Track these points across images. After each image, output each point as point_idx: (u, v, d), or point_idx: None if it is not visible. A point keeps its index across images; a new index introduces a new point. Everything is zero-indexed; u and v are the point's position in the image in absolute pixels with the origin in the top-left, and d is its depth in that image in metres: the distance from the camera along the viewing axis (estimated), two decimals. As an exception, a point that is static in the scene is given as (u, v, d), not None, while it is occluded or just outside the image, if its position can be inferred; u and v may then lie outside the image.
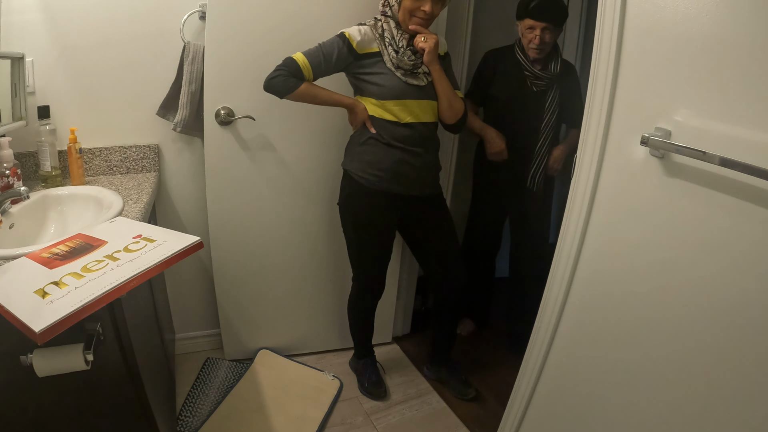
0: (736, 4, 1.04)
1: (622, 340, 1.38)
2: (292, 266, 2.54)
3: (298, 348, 2.71)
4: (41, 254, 1.29)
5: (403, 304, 2.88)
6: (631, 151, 1.31)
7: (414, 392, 2.48)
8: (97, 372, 1.30)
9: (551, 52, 2.36)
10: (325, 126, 2.30)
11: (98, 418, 1.46)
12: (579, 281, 1.53)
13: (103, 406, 1.44)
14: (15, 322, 1.01)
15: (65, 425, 1.44)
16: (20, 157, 1.99)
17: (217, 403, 2.29)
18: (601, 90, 1.38)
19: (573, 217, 1.52)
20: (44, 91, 2.09)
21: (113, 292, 1.10)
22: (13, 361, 1.24)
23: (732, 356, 1.09)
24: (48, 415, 1.41)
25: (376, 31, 1.95)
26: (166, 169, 2.38)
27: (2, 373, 1.30)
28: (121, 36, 2.13)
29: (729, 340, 1.10)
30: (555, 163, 2.46)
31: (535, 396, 1.75)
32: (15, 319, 1.01)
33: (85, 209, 1.85)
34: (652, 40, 1.24)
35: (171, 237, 1.35)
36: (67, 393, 1.38)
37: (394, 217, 2.15)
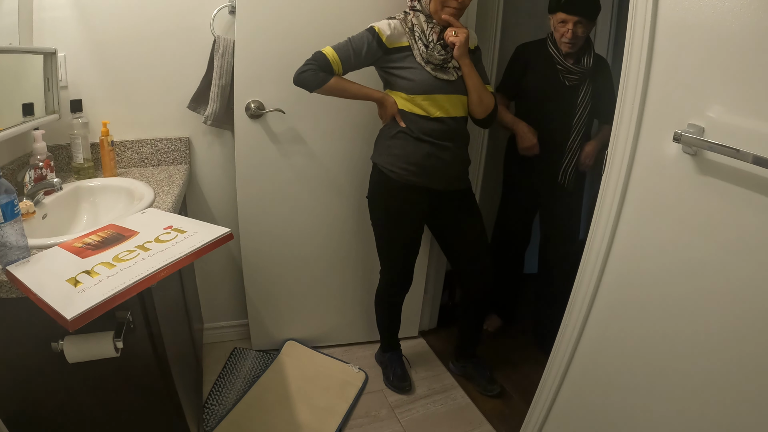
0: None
1: (650, 341, 1.36)
2: (320, 258, 2.55)
3: (324, 340, 2.72)
4: (73, 244, 1.32)
5: (431, 298, 2.88)
6: (663, 148, 1.28)
7: (439, 387, 2.48)
8: (127, 359, 1.33)
9: (584, 46, 2.33)
10: (354, 119, 2.31)
11: (126, 404, 1.50)
12: (608, 279, 1.51)
13: (131, 392, 1.48)
14: (47, 309, 1.03)
15: (94, 409, 1.47)
16: (53, 149, 2.03)
17: (243, 392, 2.32)
18: (633, 85, 1.36)
19: (603, 214, 1.50)
20: (76, 85, 2.13)
21: (144, 282, 1.12)
22: (45, 347, 1.27)
23: (765, 361, 1.07)
24: (77, 400, 1.45)
25: (405, 25, 1.94)
26: (197, 161, 2.41)
27: (34, 359, 1.34)
28: (151, 31, 2.16)
29: (761, 346, 1.07)
30: (587, 159, 2.43)
31: (560, 395, 1.73)
32: (47, 306, 1.04)
33: (116, 200, 1.89)
34: (685, 35, 1.21)
35: (201, 228, 1.38)
36: (96, 378, 1.41)
37: (422, 211, 2.14)
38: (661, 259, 1.31)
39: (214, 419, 2.15)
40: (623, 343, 1.45)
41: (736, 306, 1.12)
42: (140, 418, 1.54)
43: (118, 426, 1.53)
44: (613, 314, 1.49)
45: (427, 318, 2.93)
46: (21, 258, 1.24)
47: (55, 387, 1.41)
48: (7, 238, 1.21)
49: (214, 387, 2.35)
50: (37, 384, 1.40)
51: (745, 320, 1.10)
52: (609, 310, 1.51)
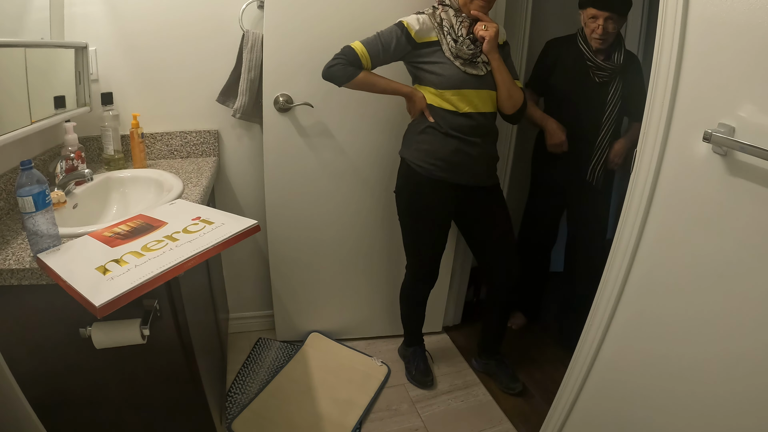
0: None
1: (676, 345, 1.34)
2: (346, 252, 2.57)
3: (348, 333, 2.74)
4: (103, 233, 1.35)
5: (455, 294, 2.87)
6: (693, 148, 1.26)
7: (461, 383, 2.48)
8: (152, 346, 1.36)
9: (614, 43, 2.30)
10: (382, 114, 2.32)
11: (151, 390, 1.53)
12: (634, 279, 1.49)
13: (156, 378, 1.50)
14: (76, 296, 1.06)
15: (119, 395, 1.51)
16: (84, 141, 2.08)
17: (266, 382, 2.34)
18: (663, 83, 1.34)
19: (631, 213, 1.48)
20: (107, 79, 2.17)
21: (171, 271, 1.14)
22: (73, 333, 1.31)
23: None
24: (102, 385, 1.48)
25: (434, 19, 1.93)
26: (226, 153, 2.44)
27: (62, 344, 1.37)
28: (181, 25, 2.19)
29: None
30: (616, 157, 2.40)
31: (581, 396, 1.72)
32: (76, 293, 1.06)
33: (146, 191, 1.92)
34: (717, 32, 1.18)
35: (229, 220, 1.40)
36: (121, 364, 1.44)
37: (450, 207, 2.14)
38: (689, 260, 1.29)
39: (236, 408, 2.18)
40: (648, 345, 1.44)
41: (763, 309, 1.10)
42: (164, 405, 1.57)
43: (142, 411, 1.56)
44: (638, 316, 1.48)
45: (452, 314, 2.92)
46: (52, 246, 1.27)
47: (82, 372, 1.44)
48: (38, 227, 1.24)
49: (237, 376, 2.38)
50: (64, 369, 1.43)
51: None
52: (634, 312, 1.49)
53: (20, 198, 1.21)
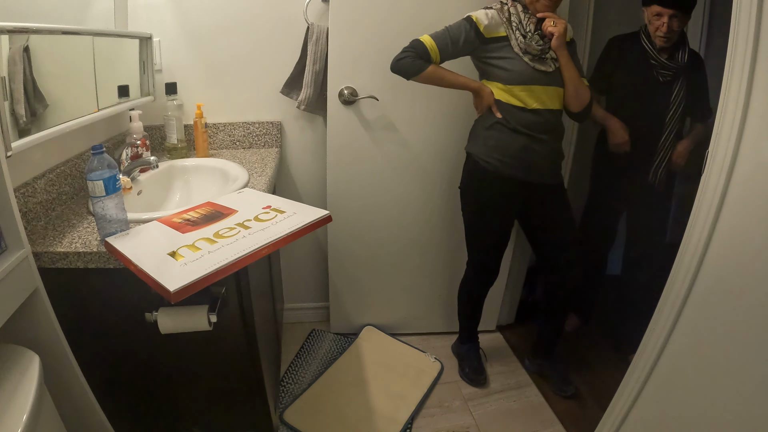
0: None
1: (744, 357, 1.29)
2: (405, 247, 2.57)
3: (402, 327, 2.74)
4: (173, 219, 1.37)
5: (511, 293, 2.84)
6: None
7: (513, 383, 2.45)
8: (217, 333, 1.37)
9: (678, 41, 2.24)
10: (447, 109, 2.30)
11: (211, 375, 1.56)
12: (701, 286, 1.44)
13: (218, 364, 1.53)
14: (148, 281, 1.07)
15: (179, 379, 1.54)
16: (147, 129, 2.12)
17: (319, 373, 2.36)
18: (737, 84, 1.30)
19: (701, 216, 1.43)
20: (171, 69, 2.21)
21: (246, 259, 1.16)
22: (138, 317, 1.33)
23: None
24: (165, 369, 1.52)
25: (503, 15, 1.92)
26: (288, 145, 2.46)
27: (127, 328, 1.40)
28: (245, 17, 2.22)
29: None
30: (679, 159, 2.33)
31: (638, 402, 1.68)
32: (148, 277, 1.08)
33: (210, 181, 1.95)
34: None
35: (300, 209, 1.41)
36: (185, 349, 1.47)
37: (515, 204, 2.13)
38: (761, 266, 1.25)
39: (289, 397, 2.20)
40: (713, 355, 1.39)
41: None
42: (224, 391, 1.60)
43: (202, 397, 1.60)
44: (704, 323, 1.43)
45: (506, 313, 2.90)
46: (120, 231, 1.30)
47: (144, 356, 1.48)
48: (107, 211, 1.26)
49: (290, 366, 2.41)
50: (127, 352, 1.47)
51: None
52: (700, 319, 1.45)
53: (90, 182, 1.23)
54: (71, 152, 1.69)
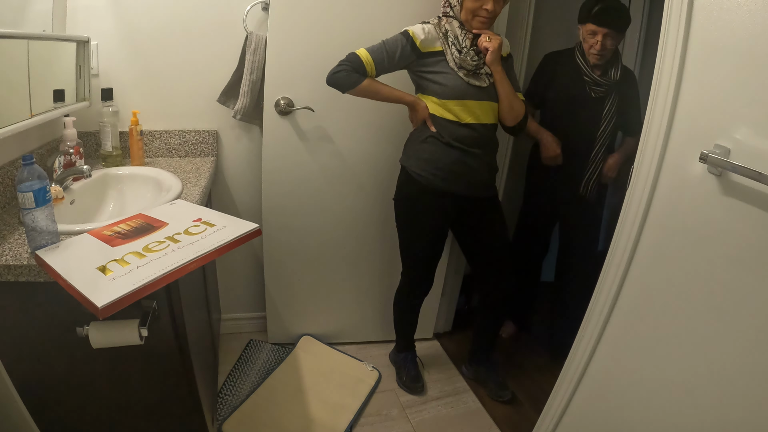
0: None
1: (667, 360, 1.35)
2: (341, 256, 2.57)
3: (340, 337, 2.74)
4: (103, 231, 1.34)
5: (447, 301, 2.88)
6: (689, 167, 1.27)
7: (450, 389, 2.49)
8: (149, 346, 1.35)
9: (612, 58, 2.32)
10: (383, 121, 2.32)
11: (145, 390, 1.52)
12: (626, 293, 1.50)
13: (151, 378, 1.50)
14: (77, 296, 1.06)
15: (113, 394, 1.50)
16: (82, 136, 2.06)
17: (257, 384, 2.34)
18: (662, 102, 1.36)
19: (626, 227, 1.49)
20: (108, 74, 2.16)
21: (174, 273, 1.14)
22: (69, 331, 1.30)
23: None
24: (97, 383, 1.48)
25: (439, 30, 1.95)
26: (224, 154, 2.44)
27: (58, 342, 1.37)
28: (184, 24, 2.19)
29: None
30: (609, 171, 2.42)
31: (571, 405, 1.73)
32: (77, 292, 1.06)
33: (144, 190, 1.91)
34: (717, 56, 1.20)
35: (231, 222, 1.40)
36: (117, 364, 1.44)
37: (448, 216, 2.15)
38: (682, 277, 1.31)
39: (227, 409, 2.18)
40: (638, 358, 1.45)
41: (756, 329, 1.11)
42: (157, 405, 1.57)
43: (135, 411, 1.56)
44: (630, 328, 1.49)
45: (443, 321, 2.93)
46: (50, 243, 1.26)
47: (77, 370, 1.44)
48: (37, 223, 1.23)
49: (228, 377, 2.38)
50: (59, 367, 1.43)
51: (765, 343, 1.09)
52: (626, 324, 1.51)
53: (20, 193, 1.19)
54: (2, 160, 1.63)
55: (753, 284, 1.11)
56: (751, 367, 1.12)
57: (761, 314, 1.10)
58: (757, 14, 1.09)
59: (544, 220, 2.70)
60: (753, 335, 1.11)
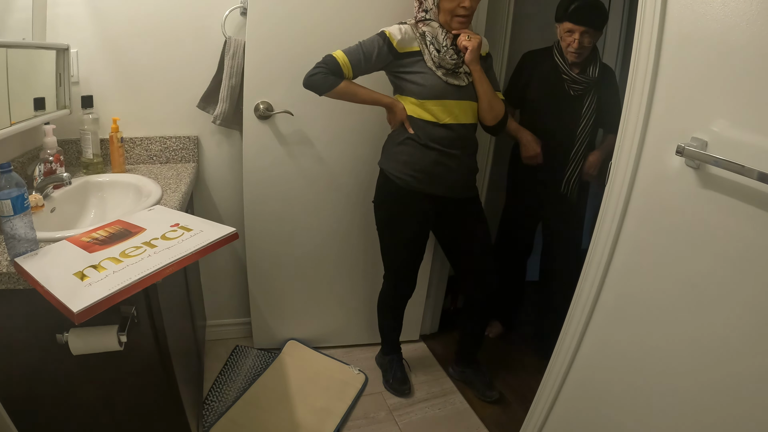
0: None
1: (649, 353, 1.36)
2: (325, 260, 2.57)
3: (326, 341, 2.74)
4: (81, 238, 1.34)
5: (433, 303, 2.89)
6: (666, 161, 1.28)
7: (438, 391, 2.49)
8: (130, 353, 1.35)
9: (590, 56, 2.33)
10: (362, 124, 2.32)
11: (127, 396, 1.52)
12: (608, 289, 1.51)
13: (133, 385, 1.50)
14: (54, 302, 1.06)
15: (95, 400, 1.49)
16: (63, 144, 2.06)
17: (243, 390, 2.33)
18: (638, 97, 1.36)
19: (605, 224, 1.50)
20: (88, 82, 2.15)
21: (149, 278, 1.14)
22: (50, 338, 1.30)
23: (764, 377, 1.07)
24: (79, 390, 1.47)
25: (416, 30, 1.95)
26: (205, 160, 2.44)
27: (38, 349, 1.36)
28: (163, 30, 2.18)
29: (760, 361, 1.07)
30: (590, 169, 2.42)
31: (557, 403, 1.74)
32: (54, 298, 1.06)
33: (124, 196, 1.91)
34: (692, 48, 1.21)
35: (207, 227, 1.40)
36: (98, 370, 1.43)
37: (428, 218, 2.15)
38: (662, 271, 1.32)
39: (213, 415, 2.17)
40: (621, 353, 1.46)
41: (736, 320, 1.12)
42: (141, 411, 1.56)
43: (118, 418, 1.55)
44: (612, 325, 1.50)
45: (429, 322, 2.94)
46: (29, 250, 1.26)
47: (59, 377, 1.43)
48: (16, 231, 1.23)
49: (214, 384, 2.37)
50: (41, 374, 1.42)
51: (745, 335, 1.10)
52: (608, 321, 1.52)
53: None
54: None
55: (735, 276, 1.12)
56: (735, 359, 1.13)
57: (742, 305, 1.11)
58: (730, 5, 1.10)
59: (527, 219, 2.70)
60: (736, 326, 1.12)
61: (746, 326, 1.10)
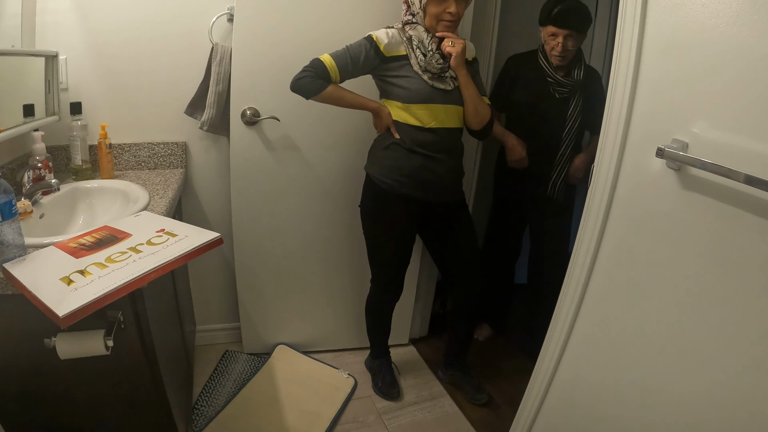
0: (755, 15, 1.02)
1: (633, 352, 1.38)
2: (312, 264, 2.58)
3: (315, 345, 2.74)
4: (68, 244, 1.35)
5: (421, 306, 2.89)
6: (648, 163, 1.30)
7: (427, 394, 2.49)
8: (117, 357, 1.36)
9: (575, 59, 2.34)
10: (348, 129, 2.34)
11: (116, 401, 1.52)
12: (592, 291, 1.53)
13: (121, 389, 1.50)
14: (41, 307, 1.07)
15: (84, 405, 1.50)
16: (52, 150, 2.06)
17: (232, 394, 2.34)
18: (619, 99, 1.38)
19: (588, 227, 1.51)
20: (76, 88, 2.16)
21: (134, 283, 1.16)
22: (38, 343, 1.30)
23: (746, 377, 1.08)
24: (68, 395, 1.48)
25: (403, 34, 1.96)
26: (193, 166, 2.44)
27: (27, 354, 1.37)
28: (151, 37, 2.20)
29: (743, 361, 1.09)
30: (576, 172, 2.44)
31: (545, 404, 1.75)
32: (41, 303, 1.07)
33: (112, 202, 1.92)
34: (671, 51, 1.23)
35: (192, 232, 1.41)
36: (87, 375, 1.44)
37: (414, 222, 2.16)
38: (646, 272, 1.33)
39: (203, 420, 2.17)
40: (607, 353, 1.47)
41: (718, 321, 1.14)
42: (129, 415, 1.57)
43: (106, 423, 1.56)
44: (597, 324, 1.51)
45: (418, 326, 2.94)
46: (17, 256, 1.27)
47: (47, 382, 1.44)
48: (4, 237, 1.24)
49: (204, 388, 2.37)
50: (30, 378, 1.42)
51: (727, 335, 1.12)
52: (593, 321, 1.53)
53: (-15, 208, 1.21)
54: (-29, 175, 1.64)
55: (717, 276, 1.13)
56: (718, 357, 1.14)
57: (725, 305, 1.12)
58: (709, 7, 1.12)
59: (514, 222, 2.72)
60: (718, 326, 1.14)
61: (730, 326, 1.11)
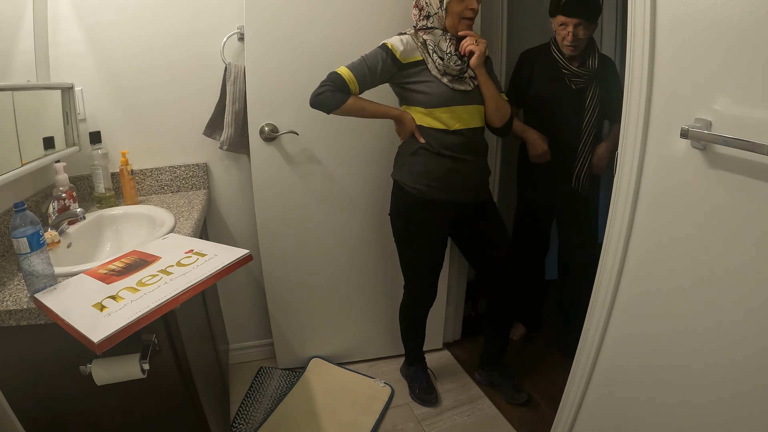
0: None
1: (671, 339, 1.35)
2: (342, 276, 2.57)
3: (349, 356, 2.73)
4: (98, 270, 1.35)
5: (453, 310, 2.87)
6: (672, 145, 1.27)
7: (465, 398, 2.47)
8: (153, 380, 1.36)
9: (588, 48, 2.32)
10: (369, 138, 2.33)
11: (155, 425, 1.52)
12: (626, 280, 1.50)
13: (159, 412, 1.51)
14: (75, 334, 1.07)
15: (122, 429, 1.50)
16: (75, 180, 2.09)
17: (269, 410, 2.33)
18: (637, 83, 1.36)
19: (617, 215, 1.49)
20: (94, 117, 2.19)
21: (167, 305, 1.16)
22: (74, 370, 1.31)
23: None
24: (105, 421, 1.48)
25: (417, 39, 1.96)
26: (215, 185, 2.46)
27: (62, 382, 1.38)
28: (164, 61, 2.22)
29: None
30: (599, 161, 2.41)
31: (586, 399, 1.72)
32: (75, 331, 1.07)
33: (138, 227, 1.93)
34: (685, 29, 1.21)
35: (221, 251, 1.41)
36: (123, 400, 1.44)
37: (446, 226, 2.15)
38: (679, 255, 1.31)
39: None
40: (644, 342, 1.45)
41: (754, 301, 1.11)
42: (168, 439, 1.57)
43: (148, 447, 1.56)
44: (633, 315, 1.49)
45: (451, 329, 2.92)
46: (48, 286, 1.28)
47: (84, 409, 1.44)
48: (34, 267, 1.25)
49: (241, 407, 2.37)
50: (66, 407, 1.43)
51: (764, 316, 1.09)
52: (629, 312, 1.51)
53: (15, 240, 1.22)
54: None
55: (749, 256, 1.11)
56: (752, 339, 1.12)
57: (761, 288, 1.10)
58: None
59: (541, 218, 2.70)
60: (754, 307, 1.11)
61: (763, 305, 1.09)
